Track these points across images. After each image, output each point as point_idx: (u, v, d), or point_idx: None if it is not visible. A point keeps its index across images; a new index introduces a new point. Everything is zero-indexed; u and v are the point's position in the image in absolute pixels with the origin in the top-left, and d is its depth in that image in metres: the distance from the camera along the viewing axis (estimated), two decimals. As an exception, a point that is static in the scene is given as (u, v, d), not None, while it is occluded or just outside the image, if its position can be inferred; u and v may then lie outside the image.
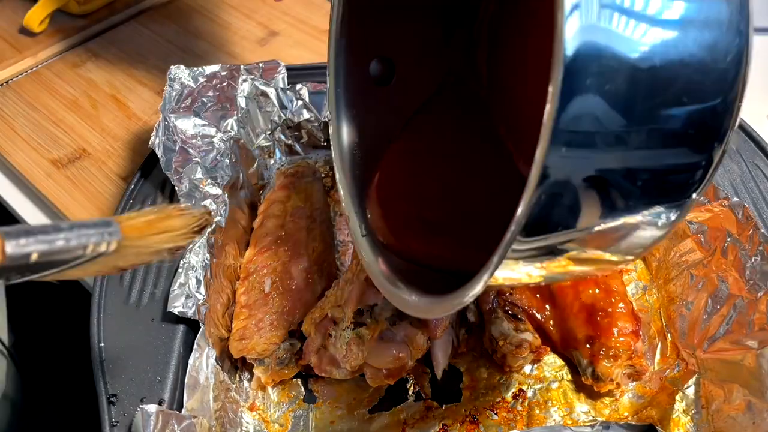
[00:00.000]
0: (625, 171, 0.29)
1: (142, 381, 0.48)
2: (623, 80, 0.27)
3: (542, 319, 0.57)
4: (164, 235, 0.41)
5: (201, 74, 0.65)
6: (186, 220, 0.42)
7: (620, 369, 0.53)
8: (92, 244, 0.36)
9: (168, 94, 0.63)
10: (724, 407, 0.49)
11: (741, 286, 0.51)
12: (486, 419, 0.53)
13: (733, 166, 0.60)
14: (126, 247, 0.39)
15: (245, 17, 0.90)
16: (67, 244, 0.35)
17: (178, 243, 0.42)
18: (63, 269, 0.37)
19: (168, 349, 0.50)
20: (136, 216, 0.41)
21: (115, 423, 0.46)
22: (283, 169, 0.69)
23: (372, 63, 0.52)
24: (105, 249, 0.37)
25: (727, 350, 0.51)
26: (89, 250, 0.36)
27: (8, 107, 0.78)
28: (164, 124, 0.60)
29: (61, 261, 0.36)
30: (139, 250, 0.40)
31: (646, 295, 0.60)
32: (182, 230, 0.42)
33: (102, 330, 0.50)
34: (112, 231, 0.37)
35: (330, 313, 0.52)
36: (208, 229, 0.44)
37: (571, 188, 0.28)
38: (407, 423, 0.53)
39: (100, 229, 0.37)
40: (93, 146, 0.73)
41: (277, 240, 0.59)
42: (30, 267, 0.35)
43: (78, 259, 0.37)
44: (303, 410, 0.54)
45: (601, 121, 0.28)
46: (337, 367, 0.52)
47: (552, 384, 0.56)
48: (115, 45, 0.86)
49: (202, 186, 0.58)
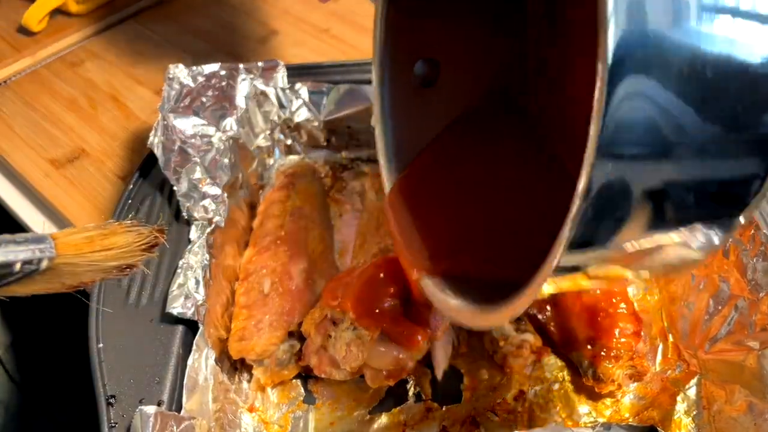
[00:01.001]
0: (675, 184, 0.28)
1: (141, 382, 0.48)
2: (678, 81, 0.25)
3: (543, 319, 0.57)
4: (107, 252, 0.40)
5: (200, 74, 0.65)
6: (131, 238, 0.41)
7: (621, 370, 0.53)
8: (20, 262, 0.36)
9: (167, 94, 0.62)
10: (725, 408, 0.49)
11: (742, 286, 0.51)
12: (487, 420, 0.53)
13: (735, 166, 0.60)
14: (62, 264, 0.38)
15: (245, 16, 0.90)
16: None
17: (125, 261, 0.40)
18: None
19: (167, 350, 0.50)
20: (76, 232, 0.39)
21: (113, 424, 0.46)
22: (283, 169, 0.68)
23: (417, 63, 0.50)
24: (36, 266, 0.37)
25: (729, 351, 0.51)
26: (17, 267, 0.36)
27: (7, 107, 0.78)
28: (163, 124, 0.60)
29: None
30: (79, 269, 0.39)
31: (647, 296, 0.60)
32: (127, 248, 0.40)
33: (100, 331, 0.50)
34: (44, 248, 0.37)
35: (330, 313, 0.52)
36: (155, 250, 0.42)
37: (618, 200, 0.27)
38: (407, 424, 0.53)
39: (31, 245, 0.36)
40: (92, 146, 0.73)
41: (277, 240, 0.59)
42: None
43: (8, 276, 0.36)
44: (302, 411, 0.54)
45: (652, 128, 0.26)
46: (337, 368, 0.52)
47: (553, 385, 0.55)
48: (114, 45, 0.86)
49: (201, 186, 0.57)
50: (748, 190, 0.29)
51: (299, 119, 0.68)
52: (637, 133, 0.26)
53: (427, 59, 0.51)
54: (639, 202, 0.27)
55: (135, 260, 0.41)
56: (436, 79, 0.51)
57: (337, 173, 0.70)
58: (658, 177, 0.27)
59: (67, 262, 0.38)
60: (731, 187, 0.29)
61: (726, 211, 0.30)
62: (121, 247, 0.40)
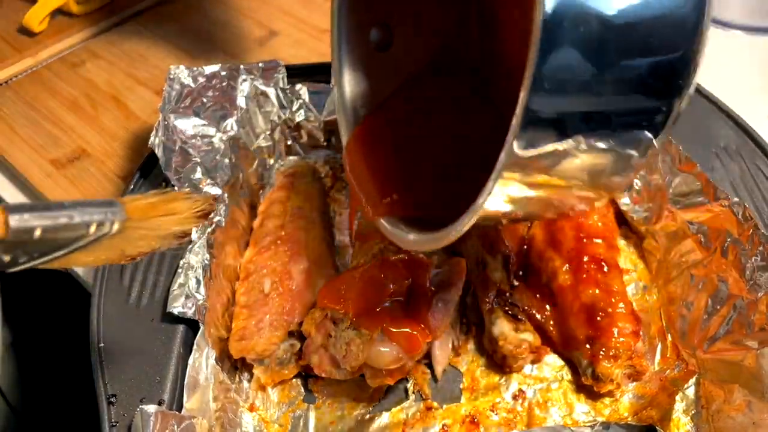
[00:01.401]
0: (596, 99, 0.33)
1: (142, 381, 0.48)
2: (595, 28, 0.31)
3: (542, 319, 0.57)
4: (169, 217, 0.41)
5: (201, 74, 0.65)
6: (190, 204, 0.42)
7: (620, 369, 0.53)
8: (95, 223, 0.36)
9: (167, 94, 0.63)
10: (724, 408, 0.49)
11: (741, 286, 0.51)
12: (486, 419, 0.53)
13: (734, 166, 0.60)
14: (130, 228, 0.38)
15: (245, 17, 0.90)
16: (71, 221, 0.35)
17: (184, 226, 0.42)
18: (69, 251, 0.37)
19: (168, 349, 0.50)
20: (140, 198, 0.41)
21: (114, 423, 0.46)
22: (283, 169, 0.68)
23: (372, 29, 0.54)
24: (108, 229, 0.37)
25: (728, 350, 0.51)
26: (92, 229, 0.36)
27: (8, 107, 0.78)
28: (164, 124, 0.60)
29: (65, 240, 0.36)
30: (144, 233, 0.40)
31: (646, 296, 0.60)
32: (186, 213, 0.42)
33: (102, 330, 0.50)
34: (115, 210, 0.37)
35: (330, 313, 0.52)
36: (211, 218, 0.45)
37: (552, 119, 0.33)
38: (407, 423, 0.53)
39: (103, 208, 0.37)
40: (92, 146, 0.73)
41: (277, 240, 0.59)
42: (34, 245, 0.35)
43: (82, 239, 0.37)
44: (303, 410, 0.54)
45: (576, 68, 0.32)
46: (337, 367, 0.52)
47: (552, 384, 0.56)
48: (114, 45, 0.86)
49: (202, 186, 0.58)
50: (656, 120, 0.36)
51: (299, 119, 0.68)
52: (564, 73, 0.32)
53: (381, 24, 0.55)
54: (566, 128, 0.33)
55: (191, 227, 0.42)
56: (391, 42, 0.55)
57: (337, 173, 0.70)
58: (582, 106, 0.33)
59: (134, 226, 0.39)
60: (642, 116, 0.36)
61: (639, 135, 0.36)
62: (181, 213, 0.41)
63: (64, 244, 0.36)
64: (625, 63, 0.33)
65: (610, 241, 0.60)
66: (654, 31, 0.33)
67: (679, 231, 0.58)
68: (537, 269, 0.59)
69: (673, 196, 0.59)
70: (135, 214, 0.39)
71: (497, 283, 0.58)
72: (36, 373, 0.87)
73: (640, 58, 0.33)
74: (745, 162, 0.61)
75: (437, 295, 0.53)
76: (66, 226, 0.35)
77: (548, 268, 0.58)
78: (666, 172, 0.60)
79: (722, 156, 0.62)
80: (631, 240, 0.64)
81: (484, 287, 0.58)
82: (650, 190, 0.62)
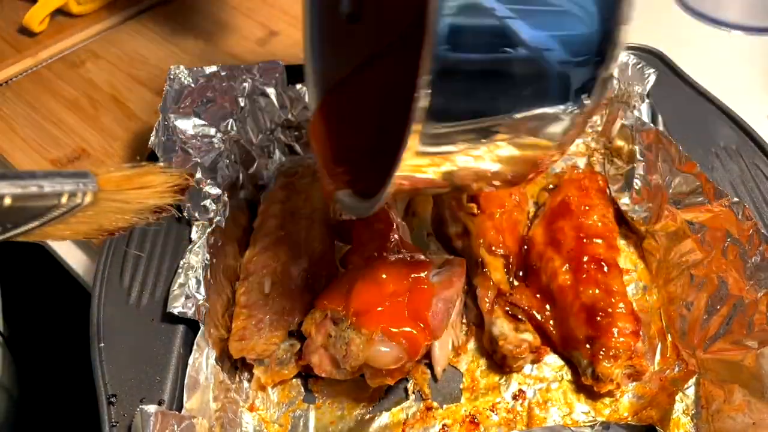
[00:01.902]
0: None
1: (142, 381, 0.48)
2: None
3: (542, 319, 0.57)
4: (143, 191, 0.40)
5: (201, 74, 0.65)
6: (165, 178, 0.42)
7: (620, 369, 0.53)
8: (67, 193, 0.36)
9: (168, 94, 0.63)
10: (724, 407, 0.49)
11: (741, 286, 0.51)
12: (486, 419, 0.53)
13: (733, 166, 0.60)
14: (104, 200, 0.38)
15: (245, 17, 0.90)
16: (41, 190, 0.35)
17: (160, 201, 0.41)
18: (42, 222, 0.36)
19: (168, 349, 0.50)
20: (114, 170, 0.40)
21: (114, 423, 0.46)
22: (283, 170, 0.68)
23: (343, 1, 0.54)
24: (81, 200, 0.37)
25: (727, 350, 0.51)
26: (64, 199, 0.36)
27: (8, 107, 0.78)
28: (164, 124, 0.60)
29: (37, 210, 0.36)
30: (119, 206, 0.39)
31: (646, 296, 0.60)
32: (162, 187, 0.41)
33: (102, 330, 0.50)
34: (87, 181, 0.37)
35: (330, 313, 0.52)
36: (186, 192, 0.44)
37: (459, 77, 0.33)
38: (407, 423, 0.53)
39: (75, 179, 0.37)
40: (93, 146, 0.73)
41: (277, 240, 0.59)
42: (5, 215, 0.35)
43: (55, 209, 0.36)
44: (303, 410, 0.54)
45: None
46: (337, 367, 0.52)
47: (552, 384, 0.56)
48: (115, 45, 0.86)
49: (202, 186, 0.58)
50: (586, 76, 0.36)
51: (299, 119, 0.68)
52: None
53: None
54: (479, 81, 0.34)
55: (167, 201, 0.42)
56: (361, 14, 0.54)
57: (337, 173, 0.70)
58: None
59: (108, 198, 0.38)
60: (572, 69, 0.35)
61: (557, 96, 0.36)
62: (156, 187, 0.41)
63: (37, 214, 0.36)
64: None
65: (610, 241, 0.60)
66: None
67: (679, 231, 0.58)
68: (537, 269, 0.59)
69: (673, 196, 0.59)
70: (108, 185, 0.38)
71: (497, 283, 0.58)
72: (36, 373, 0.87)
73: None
74: (745, 162, 0.61)
75: (437, 295, 0.53)
76: (37, 195, 0.35)
77: (548, 268, 0.58)
78: (666, 172, 0.60)
79: (722, 156, 0.62)
80: (631, 240, 0.64)
81: (484, 287, 0.58)
82: (650, 190, 0.62)
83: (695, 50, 0.82)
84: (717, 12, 0.88)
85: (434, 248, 0.65)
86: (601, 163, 0.69)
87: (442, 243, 0.65)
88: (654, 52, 0.71)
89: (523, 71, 0.35)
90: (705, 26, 0.87)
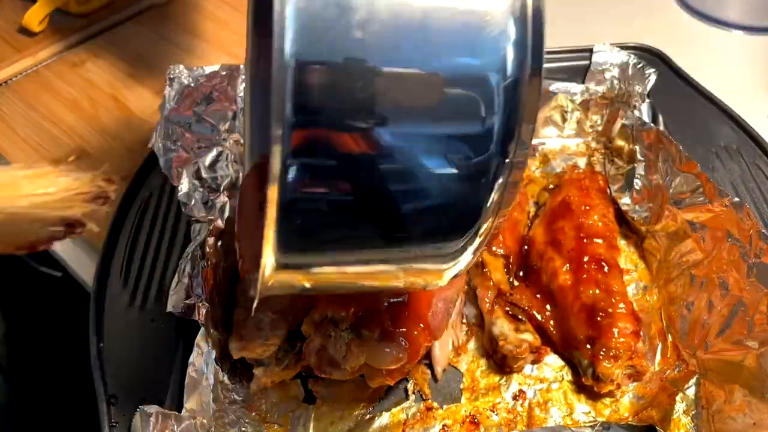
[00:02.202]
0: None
1: (142, 381, 0.48)
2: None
3: (542, 319, 0.57)
4: (35, 198, 0.32)
5: (201, 74, 0.65)
6: (69, 183, 0.33)
7: (621, 369, 0.53)
8: None
9: (168, 94, 0.63)
10: (724, 408, 0.49)
11: (742, 286, 0.51)
12: (486, 420, 0.53)
13: (734, 166, 0.60)
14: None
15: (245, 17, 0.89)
16: None
17: (62, 212, 0.33)
18: None
19: (167, 349, 0.50)
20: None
21: (114, 423, 0.46)
22: (283, 169, 0.68)
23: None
24: None
25: (728, 350, 0.51)
26: None
27: (8, 107, 0.78)
28: (164, 124, 0.60)
29: None
30: (5, 218, 0.31)
31: (646, 296, 0.60)
32: (63, 194, 0.33)
33: (101, 330, 0.50)
34: None
35: (330, 313, 0.52)
36: (101, 202, 0.35)
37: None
38: (407, 424, 0.53)
39: None
40: (92, 146, 0.73)
41: (277, 240, 0.59)
42: None
43: None
44: (302, 411, 0.54)
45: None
46: (337, 367, 0.52)
47: (552, 384, 0.55)
48: (114, 45, 0.86)
49: (202, 186, 0.57)
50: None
51: (299, 119, 0.68)
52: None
53: None
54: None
55: (75, 212, 0.33)
56: None
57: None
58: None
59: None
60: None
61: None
62: (55, 194, 0.33)
63: None
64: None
65: (611, 241, 0.60)
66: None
67: (679, 231, 0.58)
68: (537, 269, 0.59)
69: (673, 195, 0.59)
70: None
71: (497, 283, 0.58)
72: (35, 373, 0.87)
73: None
74: (746, 161, 0.61)
75: (437, 295, 0.53)
76: None
77: (548, 268, 0.58)
78: (666, 171, 0.60)
79: (722, 156, 0.62)
80: (631, 240, 0.64)
81: (484, 287, 0.58)
82: (650, 190, 0.62)
83: (696, 50, 0.82)
84: (718, 11, 0.88)
85: (434, 248, 0.65)
86: (601, 163, 0.69)
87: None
88: (654, 51, 0.71)
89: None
90: (705, 26, 0.87)
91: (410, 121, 0.28)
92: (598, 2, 0.90)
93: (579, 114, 0.71)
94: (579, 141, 0.72)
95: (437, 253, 0.32)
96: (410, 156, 0.28)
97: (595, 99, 0.69)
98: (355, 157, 0.28)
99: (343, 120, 0.27)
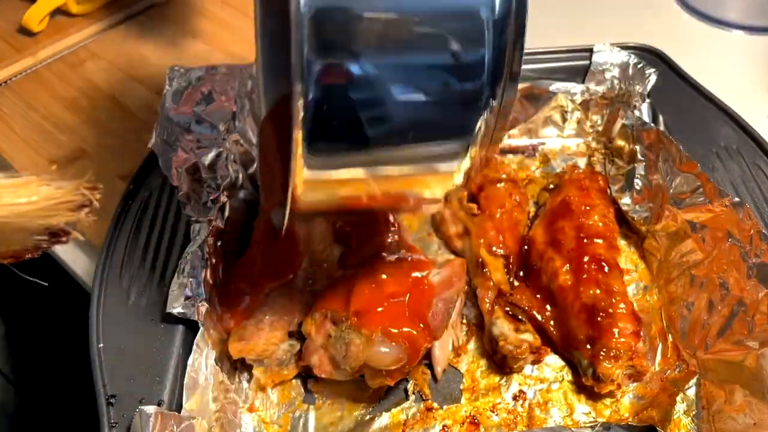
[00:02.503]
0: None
1: (141, 382, 0.48)
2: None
3: (543, 319, 0.57)
4: (18, 208, 0.32)
5: (200, 74, 0.65)
6: (52, 193, 0.33)
7: (621, 370, 0.53)
8: None
9: (167, 94, 0.62)
10: (725, 408, 0.49)
11: (742, 286, 0.51)
12: (486, 420, 0.53)
13: (734, 166, 0.60)
14: None
15: (245, 17, 0.90)
16: None
17: (46, 221, 0.33)
18: None
19: (167, 349, 0.50)
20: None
21: (114, 424, 0.46)
22: (283, 169, 0.68)
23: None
24: None
25: (728, 351, 0.51)
26: None
27: (7, 107, 0.78)
28: (164, 124, 0.60)
29: None
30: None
31: (646, 296, 0.60)
32: (47, 203, 0.33)
33: (101, 330, 0.50)
34: None
35: (330, 313, 0.52)
36: (86, 210, 0.34)
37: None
38: (407, 424, 0.53)
39: None
40: (92, 146, 0.73)
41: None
42: None
43: None
44: (302, 411, 0.54)
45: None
46: (337, 367, 0.52)
47: (552, 385, 0.55)
48: (114, 45, 0.86)
49: (202, 186, 0.57)
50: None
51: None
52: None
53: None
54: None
55: (59, 221, 0.33)
56: None
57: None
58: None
59: None
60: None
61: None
62: (38, 203, 0.33)
63: None
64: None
65: (611, 241, 0.60)
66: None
67: (679, 231, 0.58)
68: (537, 269, 0.59)
69: (673, 195, 0.59)
70: None
71: (497, 283, 0.58)
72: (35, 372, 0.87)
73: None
74: (746, 162, 0.61)
75: (437, 295, 0.53)
76: None
77: (549, 269, 0.58)
78: (666, 172, 0.60)
79: (723, 156, 0.62)
80: (631, 240, 0.64)
81: (484, 287, 0.58)
82: (651, 190, 0.62)
83: (696, 50, 0.82)
84: (718, 11, 0.88)
85: (434, 248, 0.65)
86: (601, 163, 0.69)
87: (442, 243, 0.65)
88: (654, 51, 0.71)
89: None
90: (706, 26, 0.87)
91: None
92: (598, 2, 0.90)
93: (579, 114, 0.71)
94: (579, 141, 0.72)
95: (444, 151, 0.37)
96: (416, 56, 0.34)
97: (595, 99, 0.69)
98: (370, 63, 0.33)
99: (358, 25, 0.33)
